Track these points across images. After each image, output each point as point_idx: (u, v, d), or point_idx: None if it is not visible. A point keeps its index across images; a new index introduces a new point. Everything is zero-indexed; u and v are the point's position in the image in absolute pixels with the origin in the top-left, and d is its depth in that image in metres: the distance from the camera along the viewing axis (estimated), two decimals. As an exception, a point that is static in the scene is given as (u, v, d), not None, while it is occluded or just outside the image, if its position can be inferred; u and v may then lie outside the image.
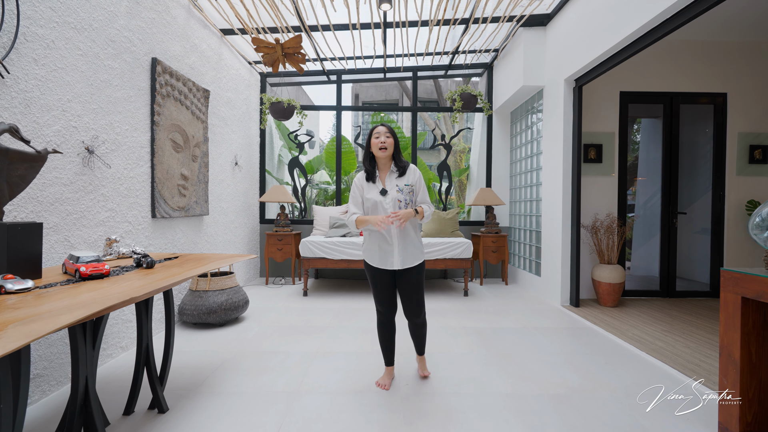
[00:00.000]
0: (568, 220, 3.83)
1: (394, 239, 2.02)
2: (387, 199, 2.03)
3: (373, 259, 2.06)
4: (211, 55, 3.83)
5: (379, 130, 2.07)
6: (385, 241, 2.03)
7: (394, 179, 2.07)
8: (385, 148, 2.04)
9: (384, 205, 2.03)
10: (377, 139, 2.05)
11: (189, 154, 3.36)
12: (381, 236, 2.03)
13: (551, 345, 2.80)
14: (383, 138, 2.04)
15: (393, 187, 2.05)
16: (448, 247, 4.22)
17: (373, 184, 2.09)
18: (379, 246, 2.04)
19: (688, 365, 2.41)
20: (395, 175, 2.08)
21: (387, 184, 2.07)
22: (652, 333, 3.01)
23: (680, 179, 4.41)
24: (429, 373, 2.30)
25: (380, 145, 2.04)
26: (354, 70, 5.33)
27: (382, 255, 2.04)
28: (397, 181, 2.06)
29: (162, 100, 2.94)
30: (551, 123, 4.06)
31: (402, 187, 2.04)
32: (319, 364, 2.43)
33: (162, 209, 2.96)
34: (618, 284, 3.72)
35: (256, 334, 2.98)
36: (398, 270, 2.07)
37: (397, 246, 2.02)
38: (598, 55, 3.26)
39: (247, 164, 4.86)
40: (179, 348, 2.68)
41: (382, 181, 2.08)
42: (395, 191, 2.04)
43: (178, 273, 1.73)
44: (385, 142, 2.04)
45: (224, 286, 3.20)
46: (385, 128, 2.08)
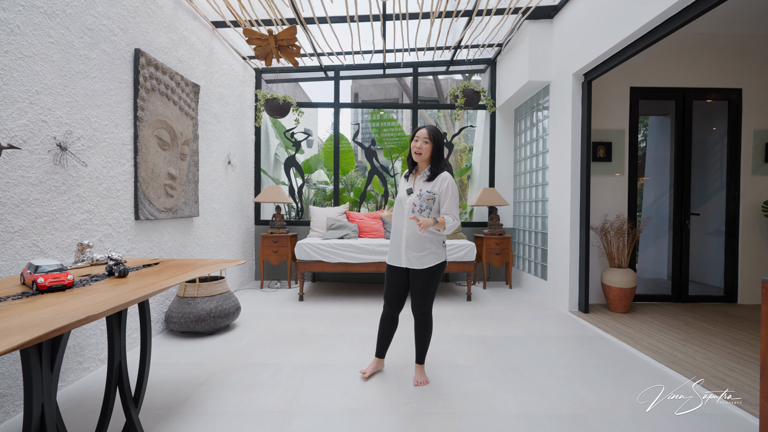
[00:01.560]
0: (577, 222, 3.64)
1: (403, 240, 2.11)
2: (409, 199, 2.11)
3: (388, 254, 2.21)
4: (201, 49, 3.64)
5: (419, 134, 2.09)
6: (396, 240, 2.15)
7: (422, 182, 2.12)
8: (419, 153, 2.09)
9: (405, 203, 2.12)
10: (415, 143, 2.09)
11: (177, 152, 3.17)
12: (394, 235, 2.16)
13: (561, 356, 2.62)
14: (420, 143, 2.08)
15: (417, 190, 2.11)
16: (451, 250, 4.03)
17: (406, 180, 2.20)
18: (392, 242, 2.17)
19: (713, 380, 2.23)
20: (424, 179, 2.12)
21: (416, 185, 2.14)
22: (669, 342, 2.83)
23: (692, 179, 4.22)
24: (427, 381, 2.20)
25: (416, 150, 2.09)
26: (352, 66, 5.14)
27: (393, 251, 2.16)
28: (423, 185, 2.10)
29: (146, 94, 2.76)
30: (558, 120, 3.88)
31: (423, 193, 2.07)
32: (313, 378, 2.25)
33: (146, 211, 2.78)
34: (629, 289, 3.54)
35: (246, 344, 2.80)
36: (411, 269, 2.13)
37: (404, 246, 2.11)
38: (610, 47, 3.08)
39: (241, 163, 4.68)
40: (162, 360, 2.50)
41: (414, 181, 2.16)
42: (416, 194, 2.09)
43: (154, 283, 1.55)
44: (421, 148, 2.08)
45: (214, 292, 3.02)
46: (425, 131, 2.08)
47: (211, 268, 1.96)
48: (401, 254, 2.11)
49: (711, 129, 4.53)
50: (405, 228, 2.09)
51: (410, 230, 2.08)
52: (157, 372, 2.31)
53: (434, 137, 2.08)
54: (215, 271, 3.14)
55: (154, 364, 2.41)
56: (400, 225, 2.12)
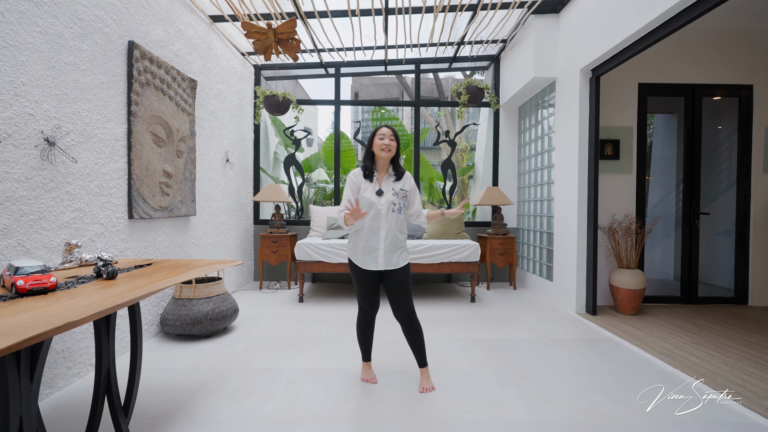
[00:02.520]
0: (584, 221, 3.55)
1: (381, 241, 2.04)
2: (382, 200, 2.05)
3: (357, 259, 2.06)
4: (198, 43, 3.54)
5: (384, 132, 2.08)
6: (372, 242, 2.04)
7: (390, 182, 2.11)
8: (389, 150, 2.06)
9: (378, 206, 2.04)
10: (382, 141, 2.06)
11: (173, 148, 3.07)
12: (367, 237, 2.04)
13: (572, 360, 2.52)
14: (388, 141, 2.05)
15: (389, 190, 2.08)
16: (454, 250, 3.94)
17: (370, 182, 2.09)
18: (365, 246, 2.04)
19: (731, 386, 2.13)
20: (392, 179, 2.12)
21: (383, 185, 2.10)
22: (681, 346, 2.74)
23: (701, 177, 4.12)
24: (432, 387, 2.12)
25: (384, 147, 2.05)
26: (353, 62, 5.04)
27: (366, 256, 2.04)
28: (393, 185, 2.10)
29: (141, 88, 2.66)
30: (565, 117, 3.78)
31: (397, 191, 2.08)
32: (314, 384, 2.15)
33: (141, 209, 2.68)
34: (638, 290, 3.45)
35: (244, 347, 2.70)
36: (386, 271, 2.07)
37: (383, 248, 2.04)
38: (619, 41, 2.98)
39: (239, 161, 4.58)
40: (156, 365, 2.40)
41: (378, 182, 2.10)
42: (391, 194, 2.07)
43: (144, 285, 1.45)
44: (389, 145, 2.05)
45: (211, 294, 2.92)
46: (390, 131, 2.09)
47: (206, 269, 1.87)
48: (378, 257, 2.04)
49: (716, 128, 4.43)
50: (383, 229, 2.04)
51: (388, 231, 2.05)
52: (150, 378, 2.21)
53: (397, 135, 2.11)
54: (212, 272, 3.03)
55: (147, 369, 2.31)
56: (376, 227, 2.04)
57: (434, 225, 4.41)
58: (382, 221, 2.04)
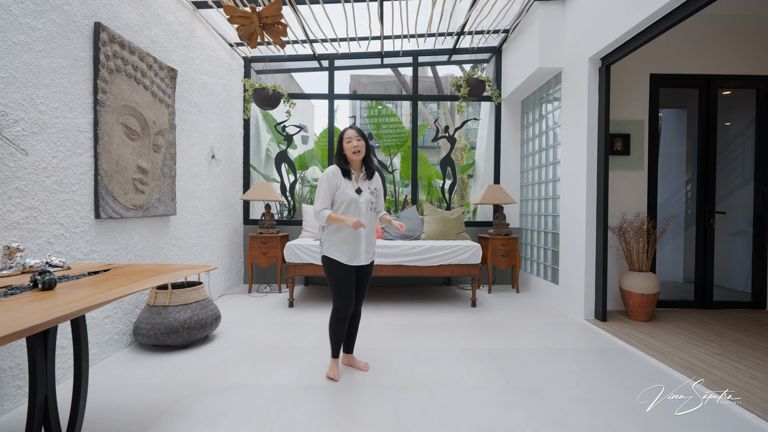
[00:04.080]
0: (594, 221, 3.31)
1: (362, 238, 2.16)
2: (362, 198, 2.16)
3: (343, 257, 2.12)
4: (180, 30, 3.30)
5: (350, 134, 2.13)
6: (354, 239, 2.14)
7: (365, 181, 2.21)
8: (359, 152, 2.13)
9: (359, 204, 2.14)
10: (349, 143, 2.13)
11: (149, 142, 2.83)
12: (352, 234, 2.13)
13: (584, 374, 2.28)
14: (355, 142, 2.12)
15: (366, 189, 2.19)
16: (454, 252, 3.70)
17: (349, 180, 2.16)
18: (349, 244, 2.12)
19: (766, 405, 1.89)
20: (365, 178, 2.22)
21: (360, 184, 2.19)
22: (703, 357, 2.50)
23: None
24: (367, 363, 2.37)
25: (354, 150, 2.12)
26: (348, 54, 4.80)
27: (351, 252, 2.13)
28: (368, 184, 2.22)
29: (109, 75, 2.42)
30: (572, 109, 3.55)
31: (372, 190, 2.22)
32: (296, 403, 1.91)
33: (110, 208, 2.44)
34: (652, 295, 3.21)
35: (224, 359, 2.46)
36: (360, 266, 2.21)
37: (364, 244, 2.17)
38: (632, 27, 2.75)
39: (227, 158, 4.34)
40: (123, 381, 2.16)
41: (356, 181, 2.19)
42: (368, 192, 2.19)
43: (85, 297, 1.21)
44: (357, 146, 2.12)
45: (189, 300, 2.68)
46: (355, 132, 2.14)
47: (173, 275, 1.63)
48: (360, 252, 2.16)
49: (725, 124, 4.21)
50: (365, 226, 2.13)
51: (369, 227, 2.18)
52: (112, 397, 1.97)
53: (363, 135, 2.16)
54: (181, 278, 2.79)
55: (111, 386, 2.07)
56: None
57: (433, 225, 4.17)
58: (362, 218, 2.15)
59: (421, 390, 2.07)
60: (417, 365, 2.39)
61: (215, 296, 4.01)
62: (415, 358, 2.50)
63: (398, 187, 6.72)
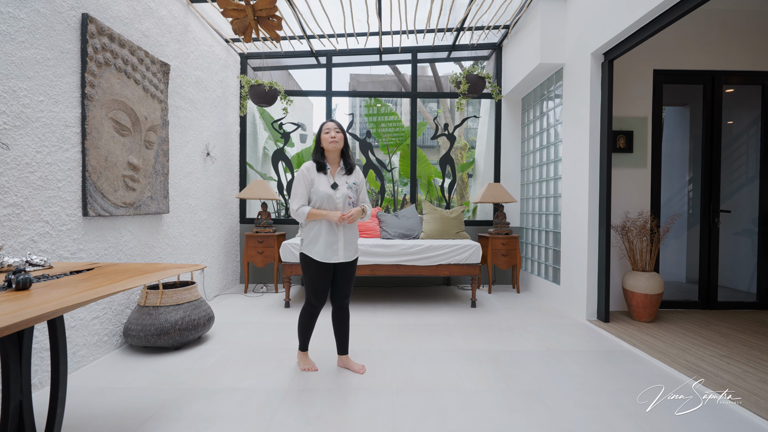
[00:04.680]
0: (596, 220, 3.24)
1: (340, 234, 2.12)
2: (338, 193, 2.12)
3: (319, 254, 2.09)
4: (173, 24, 3.23)
5: (329, 126, 2.13)
6: (332, 236, 2.10)
7: (342, 176, 2.18)
8: (336, 142, 2.10)
9: (335, 199, 2.10)
10: (327, 134, 2.11)
11: (140, 138, 2.76)
12: (328, 231, 2.09)
13: (587, 377, 2.21)
14: (333, 133, 2.11)
15: (343, 184, 2.15)
16: (454, 251, 3.63)
17: (324, 175, 2.13)
18: (326, 240, 2.09)
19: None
20: (344, 172, 2.19)
21: (336, 179, 2.15)
22: (710, 360, 2.43)
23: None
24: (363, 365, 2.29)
25: (330, 139, 2.10)
26: (346, 51, 4.73)
27: (327, 249, 2.09)
28: (346, 178, 2.18)
29: (98, 68, 2.35)
30: (574, 106, 3.47)
31: (351, 185, 2.18)
32: (289, 408, 1.84)
33: (99, 205, 2.36)
34: (656, 295, 3.14)
35: (216, 362, 2.38)
36: (339, 263, 2.16)
37: (342, 240, 2.13)
38: (635, 20, 2.68)
39: (223, 155, 4.26)
40: (112, 384, 2.08)
41: (332, 175, 2.16)
42: (345, 187, 2.15)
43: (61, 297, 1.14)
44: (335, 137, 2.10)
45: (181, 300, 2.61)
46: (334, 124, 2.14)
47: (158, 274, 1.56)
48: (338, 249, 2.12)
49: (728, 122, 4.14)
50: (341, 223, 2.11)
51: (346, 224, 2.14)
52: (99, 401, 1.89)
53: (342, 128, 2.15)
54: (166, 278, 2.71)
55: (99, 390, 2.00)
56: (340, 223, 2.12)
57: (432, 224, 4.10)
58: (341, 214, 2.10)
59: (420, 394, 2.00)
60: (415, 368, 2.32)
61: (210, 296, 3.94)
62: (413, 360, 2.43)
63: (397, 186, 6.65)
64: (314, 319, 2.22)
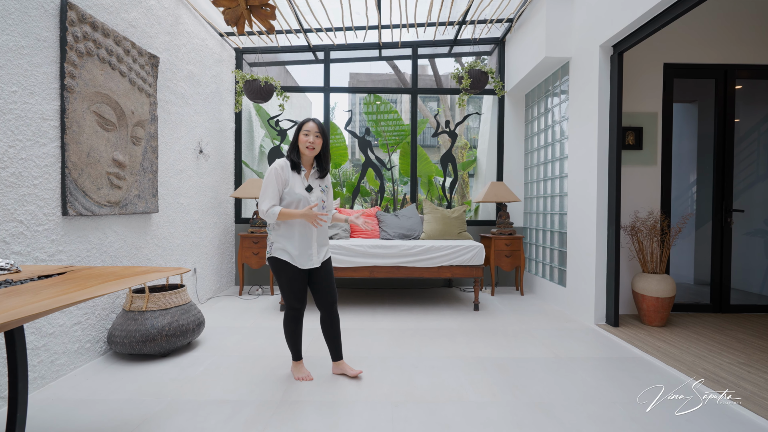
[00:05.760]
0: (605, 219, 3.10)
1: (314, 239, 2.06)
2: (312, 196, 2.05)
3: (293, 259, 2.01)
4: (163, 15, 3.09)
5: (309, 128, 2.01)
6: (305, 240, 2.03)
7: (315, 179, 2.10)
8: (313, 149, 2.02)
9: (309, 202, 2.03)
10: (306, 137, 2.00)
11: (127, 134, 2.62)
12: (301, 234, 2.02)
13: (599, 387, 2.07)
14: (312, 138, 2.00)
15: (316, 187, 2.09)
16: (456, 252, 3.49)
17: (298, 175, 2.04)
18: (300, 246, 2.01)
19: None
20: (316, 176, 2.11)
21: (311, 181, 2.08)
22: (728, 368, 2.29)
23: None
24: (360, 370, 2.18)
25: (308, 145, 2.00)
26: (344, 45, 4.59)
27: (302, 255, 2.02)
28: (319, 182, 2.11)
29: (79, 58, 2.21)
30: (581, 101, 3.34)
31: (324, 188, 2.12)
32: (280, 424, 1.70)
33: (80, 204, 2.22)
34: (667, 299, 3.01)
35: (205, 370, 2.25)
36: (314, 268, 2.08)
37: (315, 245, 2.06)
38: (647, 10, 2.54)
39: (217, 153, 4.12)
40: (91, 396, 1.94)
41: (306, 177, 2.07)
42: (319, 190, 2.09)
43: (17, 306, 1.00)
44: (314, 143, 2.01)
45: (168, 305, 2.47)
46: (316, 127, 2.01)
47: (136, 279, 1.42)
48: (312, 254, 2.05)
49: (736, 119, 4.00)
50: (314, 229, 2.06)
51: (319, 228, 2.08)
52: (75, 415, 1.75)
53: (324, 132, 2.05)
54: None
55: (76, 402, 1.86)
56: (308, 225, 2.03)
57: (433, 224, 3.96)
58: None
59: (421, 406, 1.86)
60: (416, 376, 2.18)
61: (204, 299, 3.80)
62: (413, 368, 2.29)
63: (397, 185, 6.51)
64: (299, 323, 2.12)
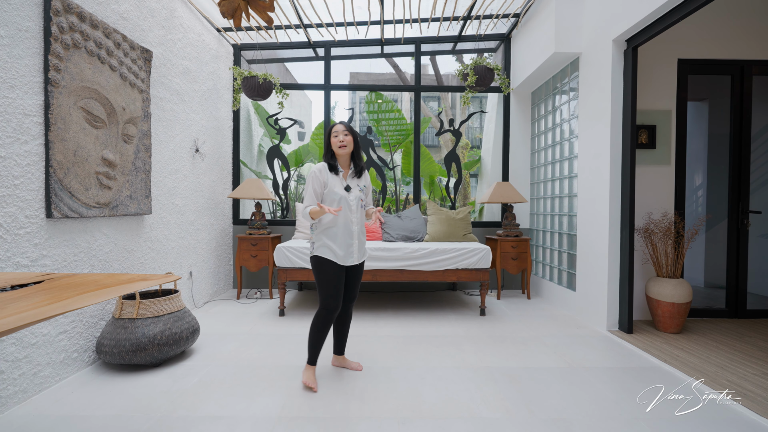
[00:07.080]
0: (617, 221, 2.98)
1: (355, 237, 2.10)
2: (351, 196, 2.09)
3: (338, 257, 2.05)
4: (157, 8, 2.96)
5: (337, 129, 2.08)
6: (348, 239, 2.07)
7: (353, 178, 2.15)
8: (345, 146, 2.07)
9: (348, 201, 2.07)
10: (336, 138, 2.07)
11: (117, 131, 2.49)
12: (344, 233, 2.06)
13: (619, 401, 1.94)
14: (341, 137, 2.06)
15: (355, 186, 2.13)
16: (462, 255, 3.36)
17: (336, 176, 2.09)
18: (342, 242, 2.05)
19: None
20: (353, 175, 2.16)
21: (349, 181, 2.13)
22: (753, 379, 2.16)
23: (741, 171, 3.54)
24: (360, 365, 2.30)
25: (339, 144, 2.06)
26: (345, 41, 4.46)
27: (345, 252, 2.06)
28: (357, 181, 2.16)
29: (65, 51, 2.08)
30: (592, 98, 3.21)
31: (363, 187, 2.17)
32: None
33: (66, 206, 2.09)
34: (683, 304, 2.88)
35: (199, 382, 2.12)
36: (351, 265, 2.13)
37: (356, 242, 2.11)
38: (663, 2, 2.41)
39: (214, 152, 3.99)
40: (75, 411, 1.81)
41: (344, 178, 2.12)
42: (357, 190, 2.13)
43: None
44: (344, 141, 2.06)
45: (160, 312, 2.34)
46: (343, 126, 2.09)
47: (121, 288, 1.29)
48: (353, 251, 2.10)
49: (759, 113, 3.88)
50: (355, 224, 2.10)
51: (359, 226, 2.13)
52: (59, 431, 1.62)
53: (352, 129, 2.09)
54: (147, 288, 2.45)
55: (59, 418, 1.73)
56: (350, 222, 2.08)
57: (438, 226, 3.83)
58: (353, 216, 2.09)
59: (430, 423, 1.73)
60: (423, 389, 2.05)
61: (200, 303, 3.67)
62: (420, 380, 2.16)
63: (399, 185, 6.40)
64: (328, 327, 2.08)
